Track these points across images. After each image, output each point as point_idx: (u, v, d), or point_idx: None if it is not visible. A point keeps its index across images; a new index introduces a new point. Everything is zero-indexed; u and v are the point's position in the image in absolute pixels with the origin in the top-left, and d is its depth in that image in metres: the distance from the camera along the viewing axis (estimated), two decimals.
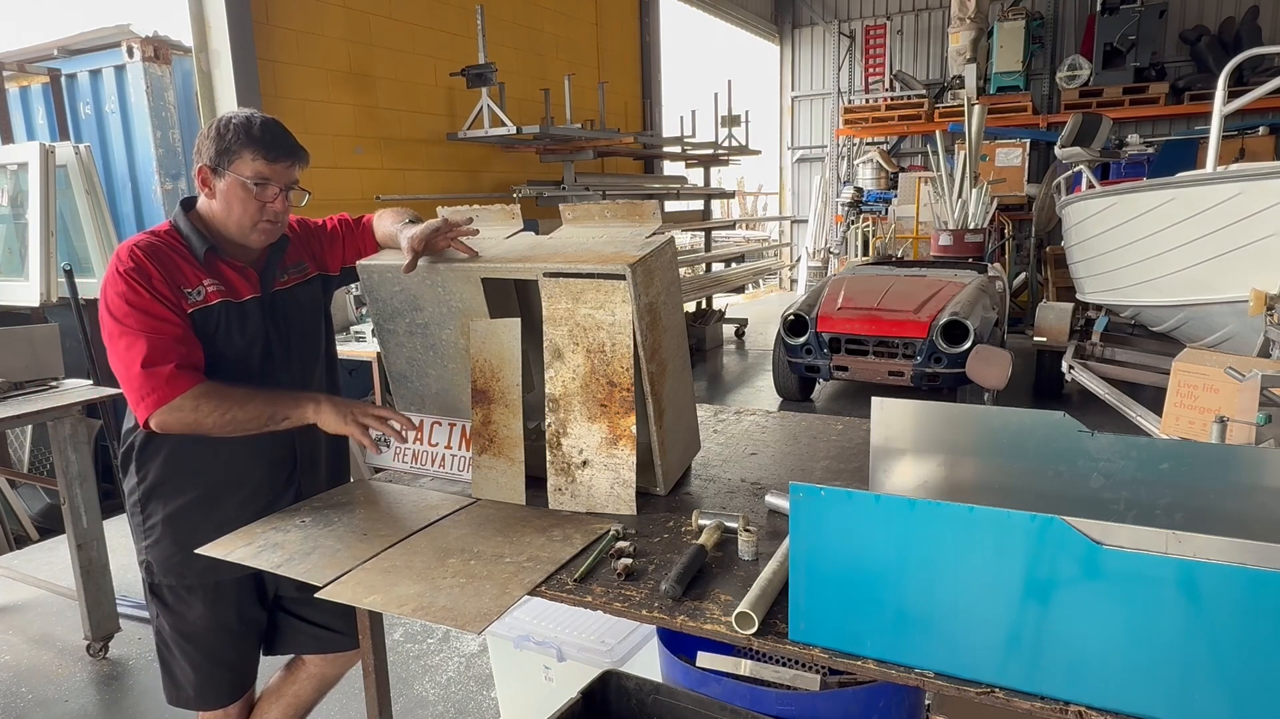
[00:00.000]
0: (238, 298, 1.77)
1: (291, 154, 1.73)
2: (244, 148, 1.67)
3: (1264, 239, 3.92)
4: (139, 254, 1.66)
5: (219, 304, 1.73)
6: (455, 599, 1.34)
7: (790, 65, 13.94)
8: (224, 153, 1.68)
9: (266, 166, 1.69)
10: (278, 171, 1.71)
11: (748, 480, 1.86)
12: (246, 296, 1.78)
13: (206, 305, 1.71)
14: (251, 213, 1.71)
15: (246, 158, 1.68)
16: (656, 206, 1.76)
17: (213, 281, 1.73)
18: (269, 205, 1.72)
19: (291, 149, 1.73)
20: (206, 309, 1.71)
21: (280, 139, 1.72)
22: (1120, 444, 1.32)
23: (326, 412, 1.74)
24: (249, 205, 1.70)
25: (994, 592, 1.02)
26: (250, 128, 1.69)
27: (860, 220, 11.03)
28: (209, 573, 1.77)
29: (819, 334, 5.94)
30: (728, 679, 1.61)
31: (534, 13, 7.73)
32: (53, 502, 4.42)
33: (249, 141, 1.67)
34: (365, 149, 6.06)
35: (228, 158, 1.68)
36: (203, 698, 1.89)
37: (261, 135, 1.68)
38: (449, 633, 3.22)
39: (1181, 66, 10.72)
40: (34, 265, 4.25)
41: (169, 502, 1.78)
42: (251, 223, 1.72)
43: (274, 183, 1.71)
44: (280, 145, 1.71)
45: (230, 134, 1.68)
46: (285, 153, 1.71)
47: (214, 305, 1.72)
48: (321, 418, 1.74)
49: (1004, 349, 4.38)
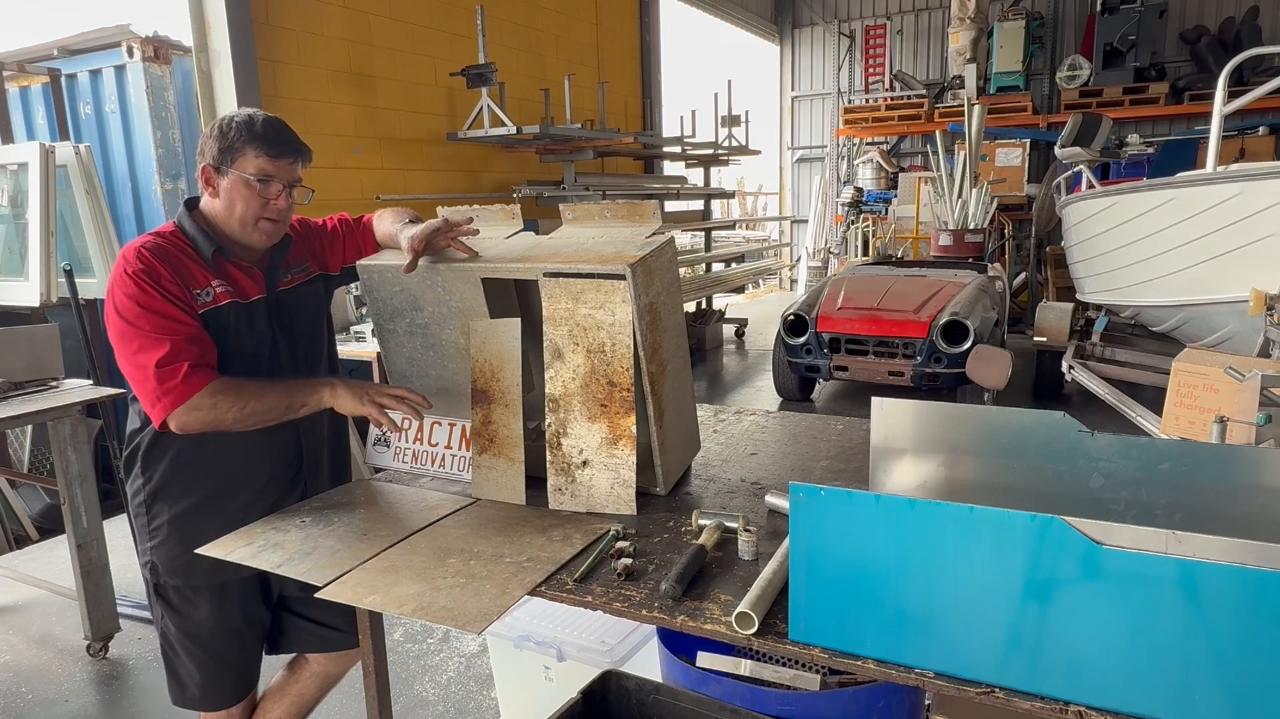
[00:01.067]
0: (245, 298, 1.77)
1: (295, 151, 1.73)
2: (247, 145, 1.67)
3: (1264, 239, 3.92)
4: (147, 255, 1.65)
5: (228, 304, 1.73)
6: (455, 599, 1.34)
7: (790, 65, 13.93)
8: (227, 150, 1.68)
9: (270, 163, 1.69)
10: (281, 168, 1.71)
11: (748, 480, 1.86)
12: (254, 297, 1.79)
13: (216, 306, 1.72)
14: (254, 210, 1.71)
15: (249, 155, 1.68)
16: (656, 206, 1.76)
17: (220, 282, 1.73)
18: (272, 203, 1.72)
19: (295, 146, 1.73)
20: (216, 310, 1.72)
21: (283, 136, 1.72)
22: (1120, 444, 1.32)
23: (342, 394, 1.73)
24: (252, 203, 1.70)
25: (994, 592, 1.02)
26: (253, 125, 1.69)
27: (860, 220, 11.02)
28: (215, 574, 1.77)
29: (819, 334, 5.94)
30: (728, 679, 1.61)
31: (534, 13, 7.73)
32: (53, 502, 4.42)
33: (252, 139, 1.68)
34: (365, 149, 6.05)
35: (231, 155, 1.68)
36: (208, 699, 1.89)
37: (264, 132, 1.69)
38: (449, 633, 3.22)
39: (1181, 66, 10.72)
40: (34, 265, 4.25)
41: (175, 503, 1.78)
42: (254, 220, 1.72)
43: (277, 180, 1.71)
44: (283, 142, 1.71)
45: (233, 132, 1.68)
46: (288, 149, 1.72)
47: (223, 306, 1.73)
48: (338, 401, 1.73)
49: (1004, 349, 4.38)
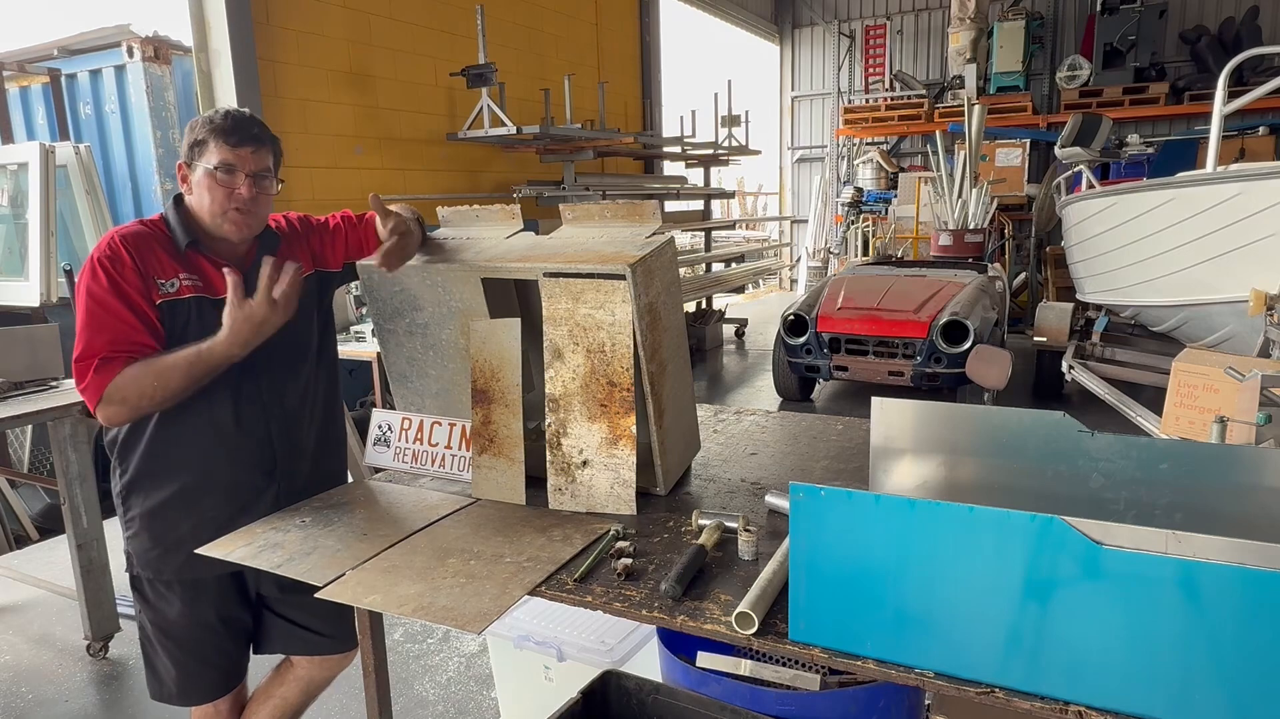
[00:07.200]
0: (215, 294, 1.76)
1: (254, 140, 1.75)
2: (209, 137, 1.71)
3: (1264, 239, 3.92)
4: (118, 242, 1.69)
5: (190, 298, 1.74)
6: (455, 599, 1.34)
7: (790, 65, 13.94)
8: (194, 145, 1.73)
9: (230, 153, 1.71)
10: (242, 157, 1.73)
11: (748, 480, 1.86)
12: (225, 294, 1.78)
13: (177, 298, 1.72)
14: (219, 200, 1.73)
15: (212, 147, 1.71)
16: (656, 206, 1.76)
17: (189, 276, 1.75)
18: (236, 192, 1.73)
19: (255, 135, 1.75)
20: (176, 302, 1.72)
21: (243, 126, 1.74)
22: (1120, 444, 1.32)
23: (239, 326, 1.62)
24: (216, 193, 1.72)
25: (994, 592, 1.02)
26: (214, 118, 1.73)
27: (860, 220, 11.03)
28: (185, 569, 1.78)
29: (819, 334, 5.94)
30: (728, 679, 1.61)
31: (534, 13, 7.73)
32: (53, 502, 4.42)
33: (213, 131, 1.71)
34: (365, 149, 6.06)
35: (198, 149, 1.73)
36: (185, 694, 1.89)
37: (224, 123, 1.72)
38: (449, 633, 3.22)
39: (1181, 66, 10.72)
40: (34, 265, 4.25)
41: (147, 497, 1.80)
42: (221, 210, 1.74)
43: (239, 169, 1.73)
44: (242, 131, 1.73)
45: (199, 127, 1.73)
46: (248, 139, 1.73)
47: (185, 299, 1.73)
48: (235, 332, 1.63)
49: (1004, 349, 4.38)
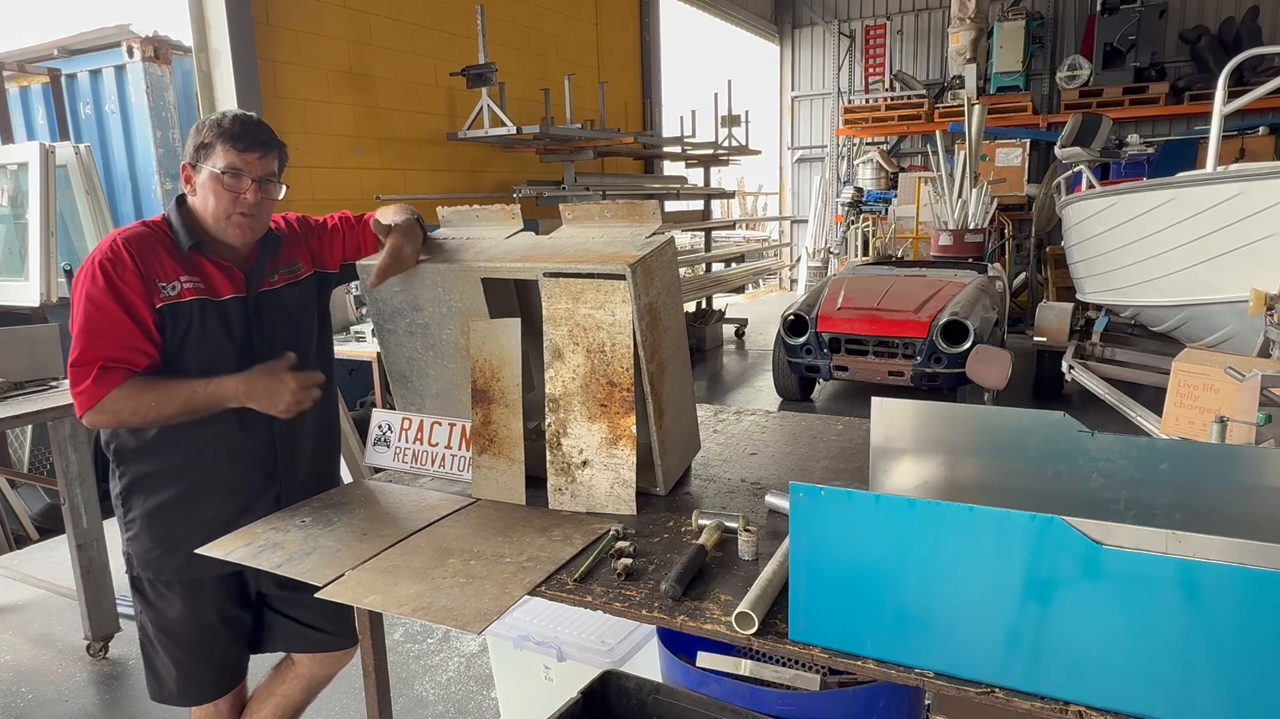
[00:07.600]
0: (217, 296, 1.77)
1: (262, 146, 1.75)
2: (216, 141, 1.71)
3: (1264, 239, 3.92)
4: (120, 244, 1.69)
5: (193, 301, 1.74)
6: (455, 599, 1.34)
7: (790, 65, 13.93)
8: (200, 148, 1.73)
9: (237, 157, 1.72)
10: (249, 162, 1.73)
11: (748, 480, 1.86)
12: (227, 296, 1.79)
13: (178, 301, 1.72)
14: (225, 204, 1.73)
15: (219, 151, 1.71)
16: (656, 206, 1.76)
17: (190, 278, 1.74)
18: (242, 197, 1.73)
19: (263, 141, 1.75)
20: (177, 305, 1.72)
21: (251, 131, 1.74)
22: (1120, 444, 1.32)
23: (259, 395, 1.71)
24: (222, 197, 1.73)
25: (994, 592, 1.02)
26: (222, 121, 1.73)
27: (860, 220, 11.03)
28: (186, 569, 1.78)
29: (819, 334, 5.94)
30: (728, 679, 1.61)
31: (534, 13, 7.73)
32: (53, 502, 4.42)
33: (220, 135, 1.71)
34: (365, 149, 6.05)
35: (204, 152, 1.73)
36: (185, 694, 1.89)
37: (232, 128, 1.72)
38: (449, 633, 3.22)
39: (1181, 66, 10.72)
40: (34, 265, 4.25)
41: (148, 498, 1.80)
42: (225, 215, 1.74)
43: (246, 174, 1.73)
44: (250, 137, 1.73)
45: (206, 129, 1.73)
46: (256, 144, 1.74)
47: (187, 302, 1.73)
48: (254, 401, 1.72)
49: (1004, 349, 4.38)
